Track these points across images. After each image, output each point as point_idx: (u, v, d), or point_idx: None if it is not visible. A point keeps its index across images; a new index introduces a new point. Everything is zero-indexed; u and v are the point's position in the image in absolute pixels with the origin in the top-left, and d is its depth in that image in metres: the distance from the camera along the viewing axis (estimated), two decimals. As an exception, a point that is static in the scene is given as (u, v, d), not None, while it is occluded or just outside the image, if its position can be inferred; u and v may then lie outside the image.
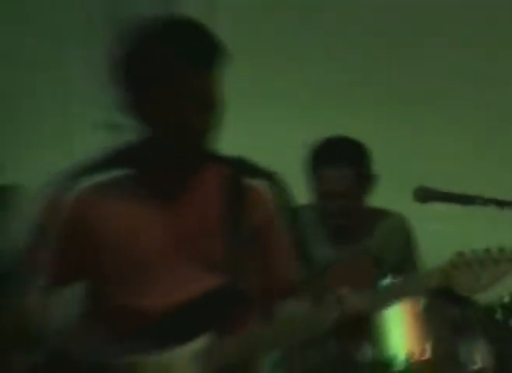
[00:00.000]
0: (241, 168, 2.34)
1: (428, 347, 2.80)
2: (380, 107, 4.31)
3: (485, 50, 4.86)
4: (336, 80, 4.44)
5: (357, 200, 3.36)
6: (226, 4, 4.49)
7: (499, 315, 2.90)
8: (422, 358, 2.82)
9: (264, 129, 3.92)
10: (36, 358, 2.36)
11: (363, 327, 2.30)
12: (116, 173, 2.31)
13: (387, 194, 3.51)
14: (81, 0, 4.32)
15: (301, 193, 3.27)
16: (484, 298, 2.84)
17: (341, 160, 3.30)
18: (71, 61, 4.12)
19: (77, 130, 3.86)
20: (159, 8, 4.01)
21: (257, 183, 2.30)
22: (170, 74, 2.11)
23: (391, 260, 3.33)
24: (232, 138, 2.67)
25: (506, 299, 2.91)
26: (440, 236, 3.85)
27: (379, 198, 3.48)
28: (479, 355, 2.86)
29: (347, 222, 3.39)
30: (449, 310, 2.84)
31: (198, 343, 2.21)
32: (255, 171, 2.36)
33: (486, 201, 2.85)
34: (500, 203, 2.82)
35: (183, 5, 4.13)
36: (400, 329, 2.84)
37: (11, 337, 2.39)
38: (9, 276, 2.36)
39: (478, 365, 2.83)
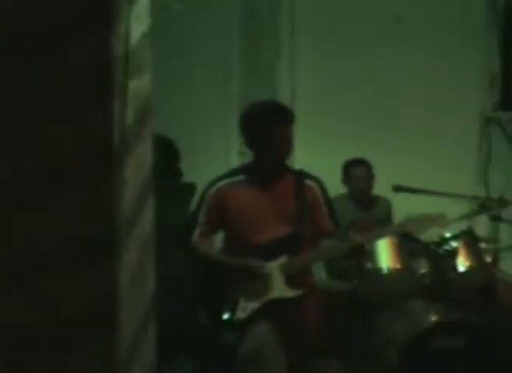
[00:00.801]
0: (302, 174, 3.86)
1: (399, 262, 4.74)
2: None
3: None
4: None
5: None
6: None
7: (432, 247, 4.84)
8: (396, 267, 4.74)
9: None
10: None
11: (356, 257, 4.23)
12: (239, 178, 3.84)
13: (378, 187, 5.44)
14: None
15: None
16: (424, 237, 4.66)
17: (364, 164, 5.39)
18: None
19: (230, 153, 5.67)
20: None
21: (310, 182, 3.84)
22: (270, 130, 3.68)
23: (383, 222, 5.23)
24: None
25: (437, 239, 4.83)
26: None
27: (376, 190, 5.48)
28: (423, 267, 4.86)
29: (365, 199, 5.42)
30: (408, 243, 4.73)
31: (282, 259, 3.73)
32: (308, 176, 3.88)
33: (436, 193, 4.90)
34: (445, 194, 4.87)
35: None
36: (385, 252, 4.71)
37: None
38: (185, 231, 3.90)
39: (422, 271, 4.82)
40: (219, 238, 3.96)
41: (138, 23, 2.79)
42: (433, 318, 4.55)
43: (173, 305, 3.81)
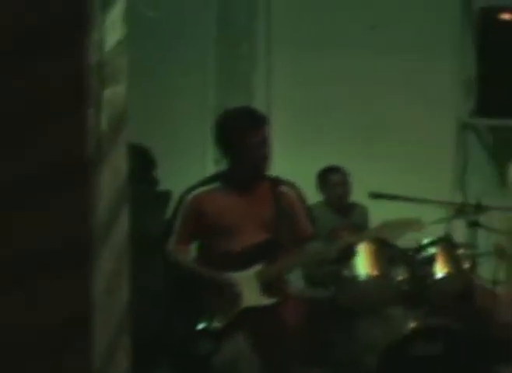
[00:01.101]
0: (278, 181, 3.86)
1: (377, 268, 4.74)
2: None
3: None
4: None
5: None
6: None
7: (410, 253, 4.89)
8: (374, 274, 4.73)
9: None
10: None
11: (348, 257, 4.29)
12: (215, 185, 3.84)
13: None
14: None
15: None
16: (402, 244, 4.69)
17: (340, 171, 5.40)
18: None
19: (206, 161, 5.64)
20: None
21: (286, 189, 3.86)
22: (243, 135, 3.66)
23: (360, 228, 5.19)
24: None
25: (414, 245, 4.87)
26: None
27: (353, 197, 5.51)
28: (401, 273, 4.84)
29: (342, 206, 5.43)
30: (386, 250, 4.75)
31: (257, 268, 3.73)
32: (284, 182, 3.89)
33: (412, 199, 4.94)
34: (421, 200, 4.89)
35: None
36: (363, 259, 4.72)
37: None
38: (161, 239, 3.85)
39: (400, 277, 4.81)
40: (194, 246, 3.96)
41: (112, 31, 2.78)
42: (412, 324, 4.58)
43: (149, 314, 3.84)
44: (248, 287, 3.67)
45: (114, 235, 2.79)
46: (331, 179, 5.44)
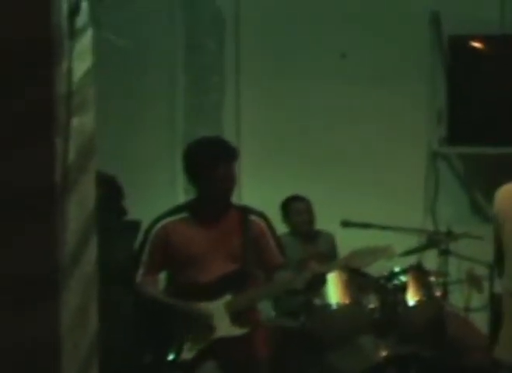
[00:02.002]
0: (246, 210, 3.86)
1: (348, 297, 4.75)
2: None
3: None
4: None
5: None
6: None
7: (381, 281, 4.93)
8: (345, 302, 4.75)
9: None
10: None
11: (317, 287, 4.24)
12: (183, 215, 3.81)
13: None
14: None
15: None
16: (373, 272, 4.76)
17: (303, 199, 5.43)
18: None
19: (176, 190, 5.65)
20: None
21: (255, 218, 3.84)
22: (213, 166, 3.66)
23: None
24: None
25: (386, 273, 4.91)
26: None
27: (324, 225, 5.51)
28: (372, 302, 4.82)
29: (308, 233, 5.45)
30: (357, 278, 4.78)
31: (227, 298, 3.71)
32: (253, 211, 3.88)
33: (384, 227, 4.99)
34: (393, 228, 4.94)
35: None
36: (334, 287, 4.72)
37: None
38: (129, 270, 3.85)
39: (371, 306, 4.81)
40: (163, 277, 3.95)
41: (80, 61, 2.82)
42: (384, 353, 4.61)
43: (118, 345, 3.81)
44: (219, 318, 3.66)
45: (82, 267, 2.78)
46: (295, 206, 5.46)
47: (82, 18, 2.78)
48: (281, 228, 5.27)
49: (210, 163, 3.66)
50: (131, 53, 4.43)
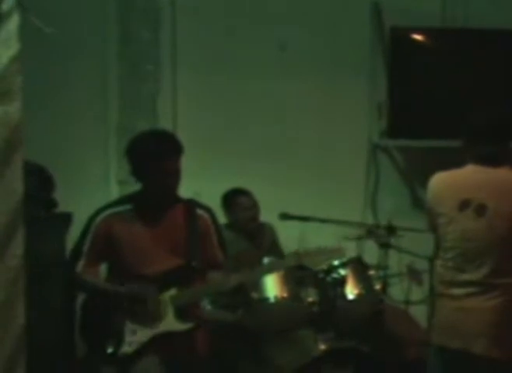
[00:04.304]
0: (193, 204, 3.87)
1: (286, 291, 4.66)
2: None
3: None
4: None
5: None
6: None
7: (321, 275, 4.88)
8: (284, 296, 4.67)
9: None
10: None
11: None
12: (127, 207, 3.80)
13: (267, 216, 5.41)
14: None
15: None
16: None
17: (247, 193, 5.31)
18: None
19: (110, 182, 5.55)
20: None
21: (202, 212, 3.87)
22: (160, 160, 3.65)
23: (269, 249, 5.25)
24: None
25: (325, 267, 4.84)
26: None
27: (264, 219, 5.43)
28: (311, 295, 4.84)
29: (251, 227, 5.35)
30: (295, 271, 4.67)
31: (172, 292, 3.70)
32: (200, 205, 3.91)
33: (323, 220, 5.01)
34: (332, 221, 4.95)
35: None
36: (272, 281, 4.66)
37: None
38: (69, 262, 3.80)
39: (310, 299, 4.80)
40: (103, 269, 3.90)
41: (6, 48, 2.80)
42: (322, 346, 4.61)
43: (49, 338, 3.73)
44: (162, 312, 3.65)
45: (8, 261, 2.75)
46: (238, 202, 5.35)
47: (8, 2, 2.76)
48: (221, 220, 5.22)
49: (157, 157, 3.63)
50: (60, 40, 4.35)
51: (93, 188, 5.38)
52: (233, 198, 5.37)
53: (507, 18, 5.81)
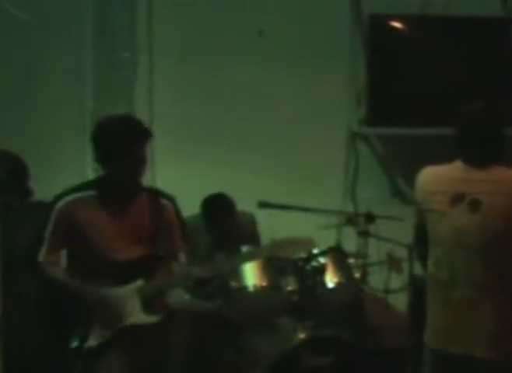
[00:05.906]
0: (157, 193, 3.82)
1: (265, 279, 4.72)
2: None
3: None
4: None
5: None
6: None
7: (300, 263, 4.92)
8: (263, 285, 4.72)
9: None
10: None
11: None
12: (89, 193, 3.71)
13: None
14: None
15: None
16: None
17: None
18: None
19: (85, 171, 5.49)
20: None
21: (165, 202, 3.80)
22: (125, 146, 3.58)
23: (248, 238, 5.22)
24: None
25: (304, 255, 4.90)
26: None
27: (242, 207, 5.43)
28: (290, 284, 4.87)
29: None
30: (275, 260, 4.70)
31: (137, 283, 3.63)
32: (163, 194, 3.84)
33: (302, 208, 4.97)
34: (311, 209, 4.93)
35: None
36: (251, 270, 4.70)
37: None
38: (33, 249, 3.70)
39: (289, 288, 4.83)
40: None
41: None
42: (301, 335, 4.61)
43: (20, 331, 3.73)
44: (129, 304, 3.59)
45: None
46: (219, 212, 5.30)
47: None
48: (197, 209, 5.27)
49: (121, 143, 3.57)
50: (34, 26, 4.29)
51: (69, 176, 5.25)
52: (213, 206, 5.32)
53: (487, 5, 5.86)
